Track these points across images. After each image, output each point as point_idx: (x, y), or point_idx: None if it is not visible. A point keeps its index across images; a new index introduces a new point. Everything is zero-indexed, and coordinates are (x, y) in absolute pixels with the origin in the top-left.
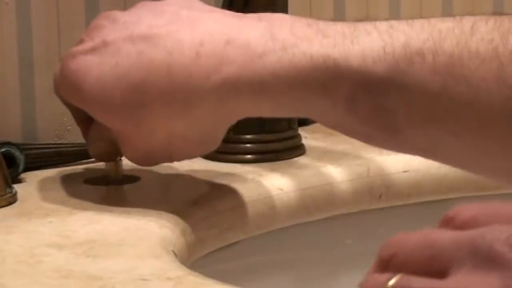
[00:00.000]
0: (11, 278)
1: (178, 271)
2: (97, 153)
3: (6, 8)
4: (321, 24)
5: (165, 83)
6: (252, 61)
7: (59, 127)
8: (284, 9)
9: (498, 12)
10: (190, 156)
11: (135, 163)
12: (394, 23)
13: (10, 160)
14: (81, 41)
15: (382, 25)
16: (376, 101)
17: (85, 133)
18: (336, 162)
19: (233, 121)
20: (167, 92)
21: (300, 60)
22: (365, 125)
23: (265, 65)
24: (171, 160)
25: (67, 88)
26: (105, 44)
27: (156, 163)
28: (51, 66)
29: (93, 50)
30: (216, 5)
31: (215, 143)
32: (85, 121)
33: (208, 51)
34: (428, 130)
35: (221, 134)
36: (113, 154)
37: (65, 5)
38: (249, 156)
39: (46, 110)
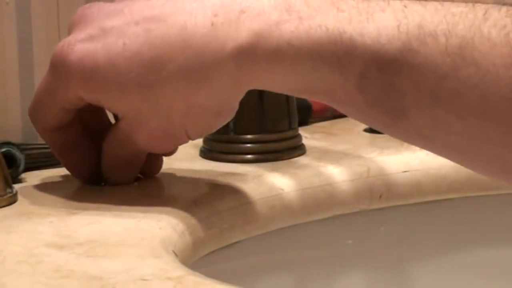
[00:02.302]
0: (11, 278)
1: (178, 271)
2: (118, 180)
3: (6, 8)
4: None
5: (182, 57)
6: (268, 29)
7: None
8: None
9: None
10: (207, 128)
11: (151, 150)
12: (408, 2)
13: (10, 160)
14: (70, 34)
15: (396, 4)
16: (386, 81)
17: (69, 163)
18: (337, 162)
19: (249, 89)
20: (184, 65)
21: (316, 32)
22: (371, 106)
23: (281, 34)
24: (188, 137)
25: (75, 82)
26: (103, 30)
27: (173, 145)
28: None
29: (91, 37)
30: None
31: (232, 113)
32: (69, 148)
33: (223, 21)
34: (435, 112)
35: (237, 103)
36: (132, 178)
37: (66, 5)
38: (249, 156)
39: None
